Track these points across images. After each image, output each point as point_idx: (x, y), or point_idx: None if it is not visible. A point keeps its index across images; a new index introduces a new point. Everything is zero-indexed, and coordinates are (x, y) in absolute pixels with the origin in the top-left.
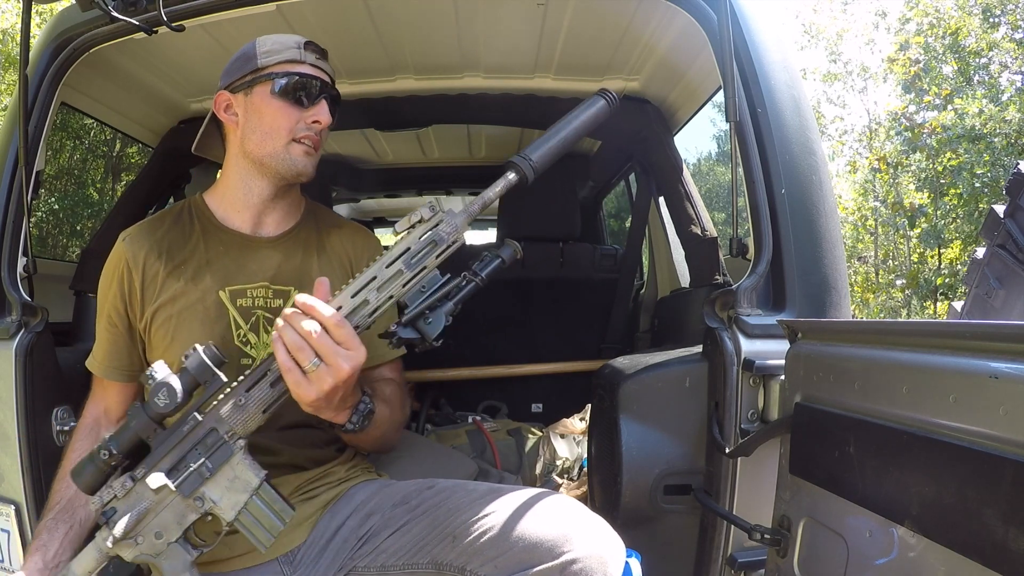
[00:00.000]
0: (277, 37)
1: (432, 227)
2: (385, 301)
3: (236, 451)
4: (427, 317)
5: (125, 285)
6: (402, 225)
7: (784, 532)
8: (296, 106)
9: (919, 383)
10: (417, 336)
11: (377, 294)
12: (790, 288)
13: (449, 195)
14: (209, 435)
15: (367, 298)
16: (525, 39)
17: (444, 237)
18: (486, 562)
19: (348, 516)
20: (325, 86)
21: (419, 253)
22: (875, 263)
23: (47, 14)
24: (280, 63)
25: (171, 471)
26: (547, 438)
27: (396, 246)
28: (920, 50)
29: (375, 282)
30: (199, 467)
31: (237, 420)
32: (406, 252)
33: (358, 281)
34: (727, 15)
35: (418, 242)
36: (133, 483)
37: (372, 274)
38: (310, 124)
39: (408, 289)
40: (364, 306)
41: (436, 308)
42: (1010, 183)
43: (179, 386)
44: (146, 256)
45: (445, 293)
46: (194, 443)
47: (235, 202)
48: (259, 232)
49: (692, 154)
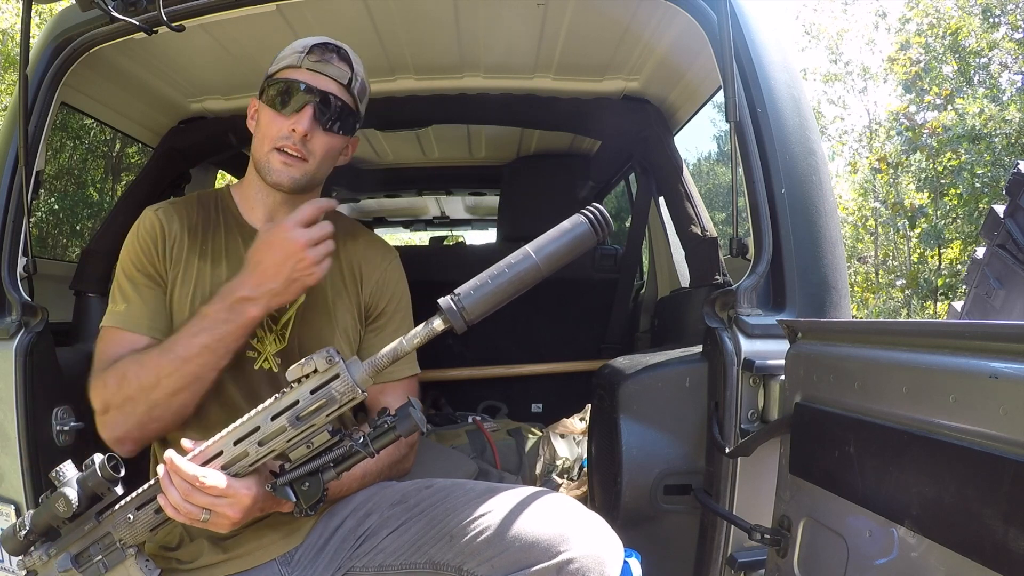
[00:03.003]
0: (299, 41)
1: (324, 383)
2: (266, 455)
3: (127, 556)
4: (304, 482)
5: (161, 247)
6: (294, 373)
7: (784, 532)
8: (279, 113)
9: (919, 383)
10: (293, 499)
11: (258, 448)
12: (790, 288)
13: (449, 195)
14: (105, 537)
15: (247, 450)
16: (525, 39)
17: (336, 397)
18: (483, 562)
19: (346, 516)
20: (311, 92)
21: (307, 410)
22: (875, 263)
23: (47, 14)
24: (281, 69)
25: (78, 557)
26: (547, 438)
27: (285, 396)
28: (920, 50)
29: (257, 434)
30: (97, 562)
31: (126, 533)
32: (294, 406)
33: (242, 427)
34: (727, 15)
35: (308, 397)
36: (48, 558)
37: (256, 423)
38: (289, 132)
39: (292, 445)
40: (243, 457)
41: (315, 474)
42: (1010, 183)
43: (75, 498)
44: (178, 230)
45: (331, 459)
46: (93, 540)
47: (251, 199)
48: None
49: (692, 154)
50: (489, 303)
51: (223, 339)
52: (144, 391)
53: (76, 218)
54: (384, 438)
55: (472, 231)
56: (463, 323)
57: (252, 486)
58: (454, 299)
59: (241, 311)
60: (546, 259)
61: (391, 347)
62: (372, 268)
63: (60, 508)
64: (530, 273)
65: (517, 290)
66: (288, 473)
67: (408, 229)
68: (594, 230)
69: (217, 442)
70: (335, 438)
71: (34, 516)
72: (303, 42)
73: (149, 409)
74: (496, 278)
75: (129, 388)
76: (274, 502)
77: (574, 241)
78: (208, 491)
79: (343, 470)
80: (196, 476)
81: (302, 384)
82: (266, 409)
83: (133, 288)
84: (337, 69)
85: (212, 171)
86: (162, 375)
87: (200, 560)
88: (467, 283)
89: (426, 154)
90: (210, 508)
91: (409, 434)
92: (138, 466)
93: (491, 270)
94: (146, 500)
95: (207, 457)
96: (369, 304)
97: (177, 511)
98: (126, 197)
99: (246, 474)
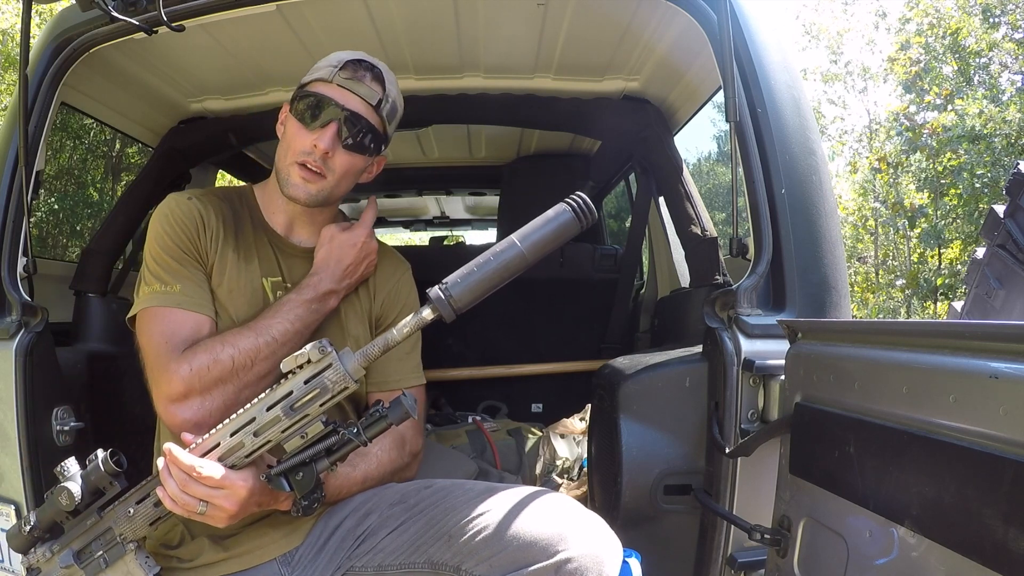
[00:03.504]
0: (336, 54)
1: (317, 372)
2: (262, 446)
3: (128, 551)
4: (297, 472)
5: (203, 232)
6: (288, 364)
7: (784, 532)
8: (305, 127)
9: (919, 383)
10: (288, 488)
11: (253, 439)
12: (790, 288)
13: (449, 195)
14: (106, 532)
15: (243, 440)
16: (525, 39)
17: (329, 386)
18: (481, 561)
19: (346, 516)
20: (337, 109)
21: (301, 400)
22: (875, 263)
23: (47, 14)
24: (313, 81)
25: (80, 553)
26: (547, 438)
27: (279, 387)
28: (920, 50)
29: (253, 424)
30: (98, 557)
31: (126, 527)
32: (288, 396)
33: (240, 418)
34: (727, 15)
35: (301, 387)
36: (51, 555)
37: (252, 415)
38: (311, 147)
39: (287, 435)
40: (239, 448)
41: (308, 464)
42: (1010, 183)
43: (78, 492)
44: (215, 218)
45: (325, 448)
46: (95, 536)
47: (273, 205)
48: (291, 238)
49: (692, 154)
50: (477, 291)
51: (310, 326)
52: (238, 373)
53: (76, 218)
54: (376, 426)
55: (472, 231)
56: (451, 311)
57: (248, 478)
58: (442, 288)
59: (327, 301)
60: (531, 247)
61: (382, 337)
62: (384, 279)
63: (63, 501)
64: (515, 261)
65: (503, 278)
66: (282, 463)
67: (408, 229)
68: (577, 217)
69: (215, 434)
70: (328, 427)
71: (39, 512)
72: (339, 56)
73: (239, 390)
74: (482, 266)
75: (222, 370)
76: (272, 497)
77: (558, 229)
78: (204, 481)
79: (337, 459)
80: (193, 466)
81: (295, 375)
82: (261, 400)
83: (184, 268)
84: (368, 88)
85: (212, 171)
86: (259, 357)
87: (200, 559)
88: (454, 272)
89: (426, 154)
90: (207, 499)
91: (400, 421)
92: (139, 465)
93: (477, 259)
94: (146, 494)
95: (205, 449)
96: (380, 314)
97: (175, 502)
98: (126, 197)
99: (243, 466)
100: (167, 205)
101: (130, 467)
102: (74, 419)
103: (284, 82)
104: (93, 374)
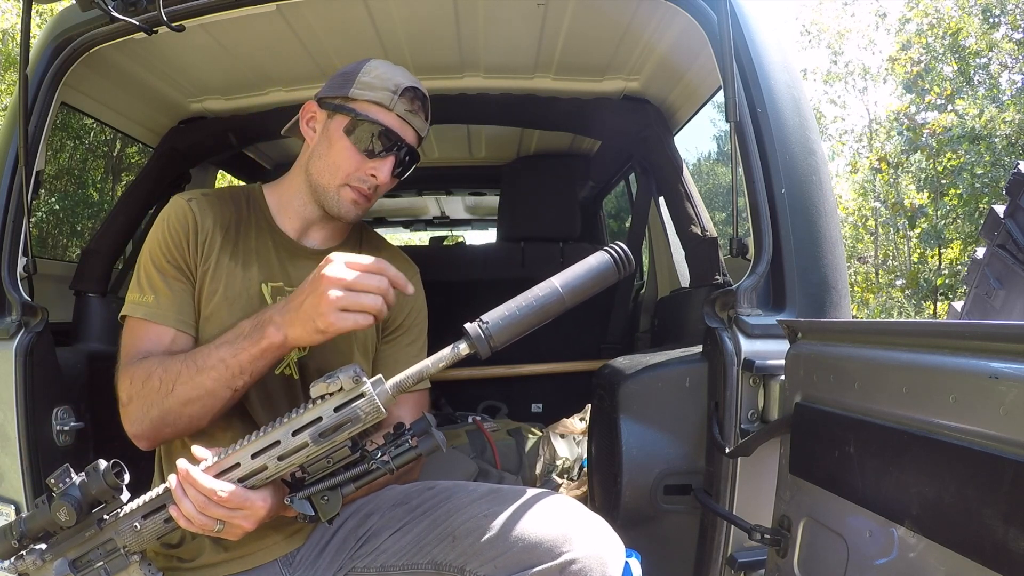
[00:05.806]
0: (384, 69)
1: (348, 401)
2: (285, 469)
3: (131, 563)
4: (323, 495)
5: (192, 240)
6: (319, 390)
7: (784, 532)
8: (362, 153)
9: (919, 383)
10: (312, 512)
11: (277, 463)
12: (790, 288)
13: (449, 195)
14: (108, 543)
15: (266, 464)
16: (525, 39)
17: (361, 416)
18: (485, 562)
19: (347, 517)
20: (398, 143)
21: (329, 428)
22: (875, 263)
23: (47, 14)
24: (368, 102)
25: (76, 562)
26: (547, 438)
27: (307, 412)
28: (921, 50)
29: (277, 448)
30: (98, 568)
31: (131, 540)
32: (316, 422)
33: (262, 440)
34: (727, 15)
35: (331, 415)
36: (43, 563)
37: (276, 437)
38: (367, 176)
39: (312, 460)
40: (262, 471)
41: (334, 488)
42: (1010, 183)
43: (76, 507)
44: (211, 225)
45: (351, 475)
46: (95, 545)
47: (287, 208)
48: (303, 240)
49: (692, 154)
50: (514, 331)
51: (238, 355)
52: (160, 395)
53: (76, 218)
54: (405, 456)
55: (472, 231)
56: (488, 349)
57: (267, 497)
58: (481, 326)
59: (261, 330)
60: (571, 292)
61: (417, 368)
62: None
63: (62, 517)
64: (555, 305)
65: (540, 320)
66: (307, 488)
67: (408, 229)
68: (617, 268)
69: (233, 455)
70: (356, 454)
71: (28, 520)
72: (394, 79)
73: (163, 414)
74: (523, 308)
75: (150, 388)
76: (282, 507)
77: (598, 277)
78: (225, 504)
79: (362, 485)
80: (214, 490)
81: (326, 401)
82: (286, 424)
83: (163, 279)
84: (421, 121)
85: (212, 171)
86: (178, 381)
87: (201, 559)
88: (494, 311)
89: (426, 154)
90: (225, 520)
91: (430, 454)
92: (139, 465)
93: (519, 300)
94: (154, 509)
95: (222, 468)
96: (388, 318)
97: (191, 522)
98: (126, 197)
99: (262, 486)
100: (165, 210)
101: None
102: (74, 419)
103: (284, 82)
104: (93, 374)
